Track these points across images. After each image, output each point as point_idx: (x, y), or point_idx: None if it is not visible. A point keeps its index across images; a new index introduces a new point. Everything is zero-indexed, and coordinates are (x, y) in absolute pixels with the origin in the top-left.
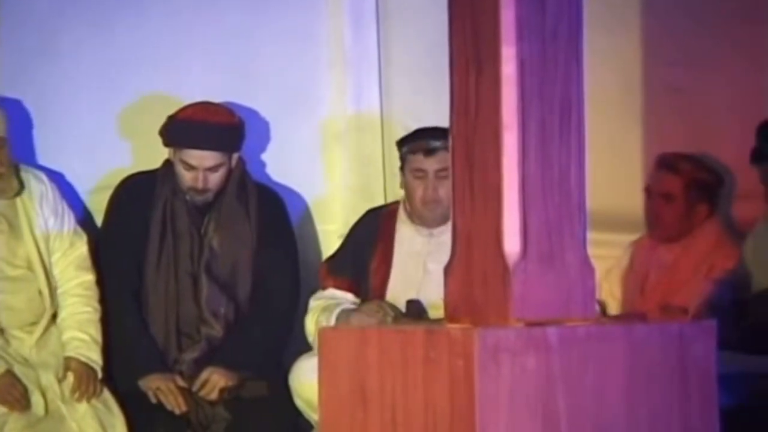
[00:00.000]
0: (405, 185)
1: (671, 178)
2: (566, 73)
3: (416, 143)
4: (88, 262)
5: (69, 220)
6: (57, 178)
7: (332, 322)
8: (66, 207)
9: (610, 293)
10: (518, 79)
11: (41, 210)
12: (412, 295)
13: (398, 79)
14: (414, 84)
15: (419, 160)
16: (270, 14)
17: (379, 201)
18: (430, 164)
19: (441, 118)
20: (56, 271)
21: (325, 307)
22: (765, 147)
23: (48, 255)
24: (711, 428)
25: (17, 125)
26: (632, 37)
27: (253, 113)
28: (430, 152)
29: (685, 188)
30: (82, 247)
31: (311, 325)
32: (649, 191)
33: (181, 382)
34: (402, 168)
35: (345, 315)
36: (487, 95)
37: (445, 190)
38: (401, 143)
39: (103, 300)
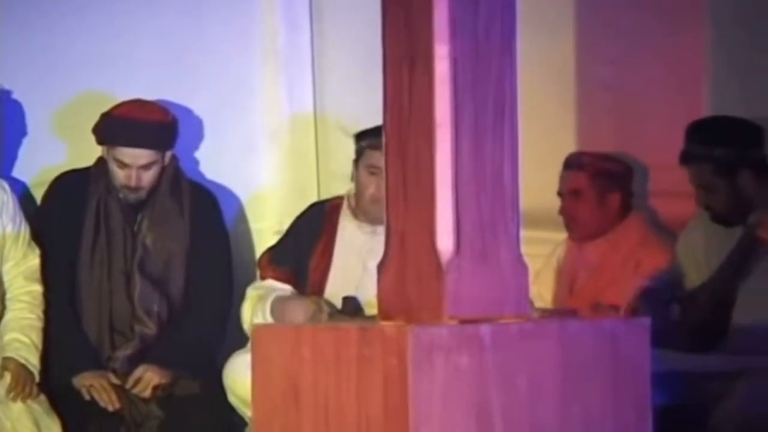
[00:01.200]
0: (356, 180)
1: (576, 174)
2: (499, 71)
3: (377, 139)
4: (37, 274)
5: (25, 231)
6: None
7: (267, 308)
8: (23, 218)
9: (539, 295)
10: (451, 78)
11: (0, 218)
12: (351, 292)
13: (332, 78)
14: (348, 83)
15: (377, 157)
16: (205, 14)
17: (313, 199)
18: None
19: (375, 117)
20: (6, 279)
21: (262, 296)
22: (693, 148)
23: (1, 261)
24: (644, 426)
25: None
26: (565, 36)
27: (187, 111)
28: None
29: (591, 181)
30: (34, 260)
31: (247, 312)
32: (560, 194)
33: (115, 380)
34: (356, 161)
35: (279, 302)
36: (420, 93)
37: None
38: (360, 137)
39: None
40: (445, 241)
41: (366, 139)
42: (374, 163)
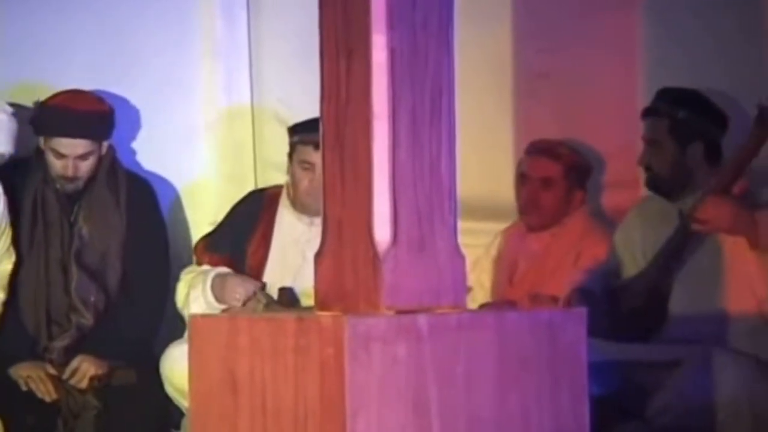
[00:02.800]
0: (291, 174)
1: (551, 163)
2: (437, 60)
3: (308, 135)
4: (5, 281)
5: (7, 236)
6: None
7: (208, 282)
8: (8, 223)
9: (479, 283)
10: (389, 67)
11: None
12: (289, 282)
13: (269, 69)
14: (285, 73)
15: (308, 152)
16: (142, 4)
17: (250, 188)
18: (319, 157)
19: (312, 107)
20: None
21: (201, 272)
22: (659, 104)
23: None
24: (581, 416)
25: None
26: (502, 25)
27: (124, 101)
28: (320, 146)
29: (565, 173)
30: (7, 266)
31: (182, 290)
32: (525, 177)
33: (52, 370)
34: (290, 156)
35: (219, 277)
36: (357, 83)
37: None
38: (292, 131)
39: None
40: (382, 231)
41: (298, 134)
42: (306, 158)
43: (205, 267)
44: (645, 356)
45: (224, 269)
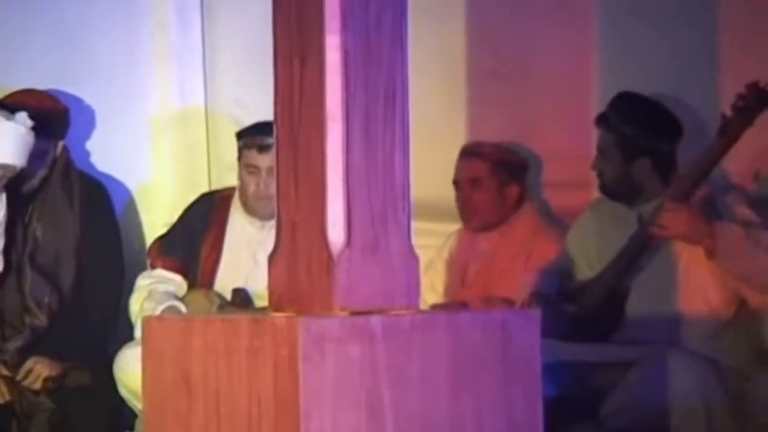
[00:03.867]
0: (240, 178)
1: (476, 162)
2: (390, 62)
3: (251, 139)
4: None
5: None
6: None
7: (158, 312)
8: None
9: (432, 286)
10: (342, 69)
11: None
12: (241, 283)
13: (223, 71)
14: (239, 75)
15: (252, 156)
16: (97, 5)
17: (204, 191)
18: (263, 161)
19: (266, 109)
20: None
21: (151, 292)
22: (609, 114)
23: None
24: (535, 417)
25: None
26: (456, 26)
27: (79, 101)
28: (263, 149)
29: (491, 170)
30: None
31: (135, 305)
32: (457, 183)
33: (5, 372)
34: (239, 160)
35: (171, 312)
36: (311, 85)
37: None
38: (239, 136)
39: None
40: (336, 232)
41: (243, 138)
42: (250, 162)
43: (158, 272)
44: (599, 357)
45: (175, 283)
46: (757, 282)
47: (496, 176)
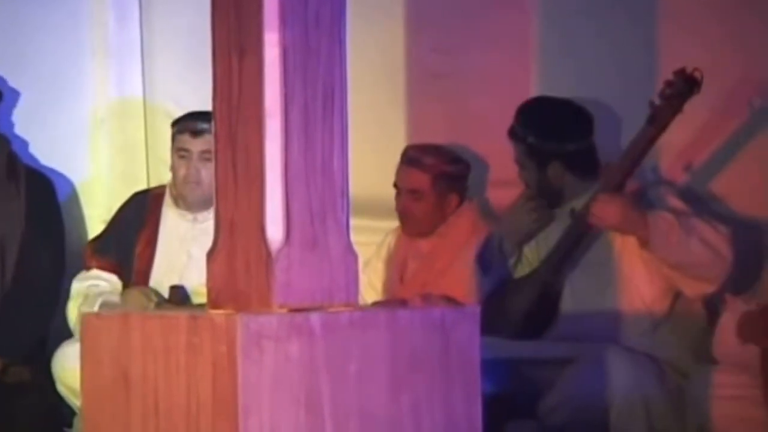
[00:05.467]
0: (171, 166)
1: (417, 174)
2: (329, 59)
3: (185, 123)
4: None
5: None
6: None
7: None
8: None
9: (370, 284)
10: (281, 65)
11: None
12: (175, 281)
13: (162, 66)
14: (178, 71)
15: (185, 140)
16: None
17: (142, 186)
18: (195, 145)
19: (205, 105)
20: None
21: (87, 296)
22: (515, 126)
23: None
24: (474, 414)
25: None
26: (394, 24)
27: (19, 95)
28: (196, 133)
29: (433, 183)
30: None
31: (73, 311)
32: (397, 187)
33: None
34: (172, 148)
35: (107, 308)
36: (249, 81)
37: (207, 173)
38: (173, 124)
39: None
40: (274, 229)
41: (177, 125)
42: (182, 146)
43: (93, 273)
44: (538, 354)
45: (111, 284)
46: (692, 271)
47: (437, 189)
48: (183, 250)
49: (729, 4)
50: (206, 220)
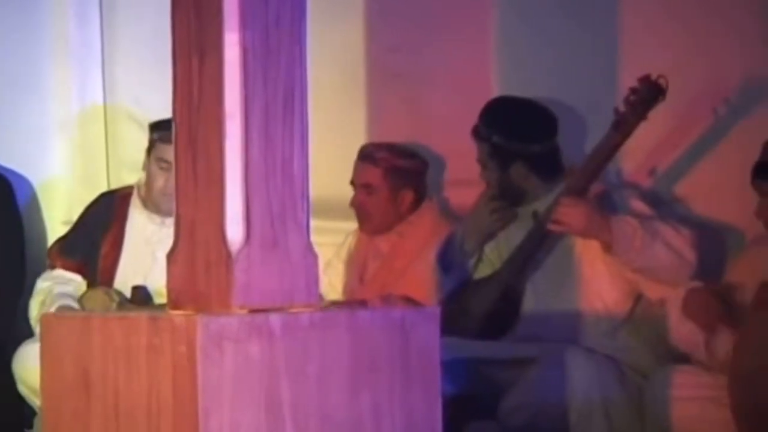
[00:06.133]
0: (147, 171)
1: (370, 168)
2: (289, 60)
3: (168, 133)
4: None
5: None
6: None
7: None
8: None
9: (331, 285)
10: (241, 66)
11: None
12: (140, 282)
13: (122, 69)
14: (139, 74)
15: (167, 151)
16: None
17: (103, 189)
18: None
19: (166, 107)
20: None
21: (48, 295)
22: (479, 126)
23: None
24: (434, 415)
25: None
26: (354, 24)
27: None
28: None
29: (385, 177)
30: None
31: (35, 309)
32: (353, 184)
33: None
34: (148, 152)
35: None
36: (209, 82)
37: None
38: (153, 128)
39: None
40: (234, 230)
41: (158, 131)
42: (163, 156)
43: (57, 273)
44: (499, 355)
45: (75, 283)
46: (655, 274)
47: (389, 183)
48: (149, 251)
49: (692, 10)
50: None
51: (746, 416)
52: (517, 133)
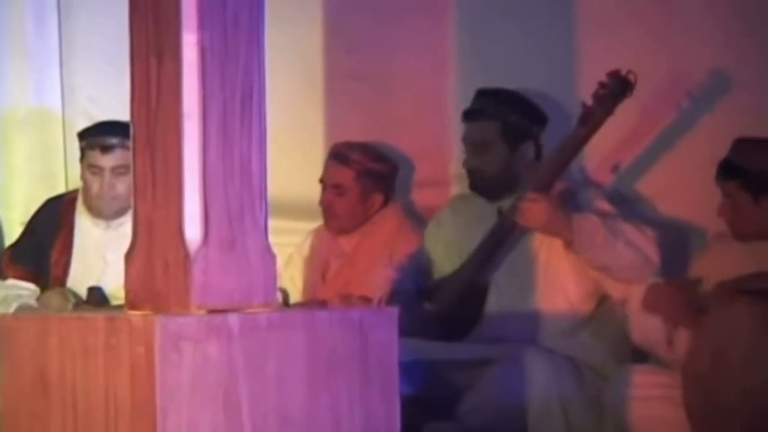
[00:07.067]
0: (82, 178)
1: (342, 169)
2: (247, 60)
3: (93, 139)
4: None
5: None
6: None
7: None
8: None
9: (291, 281)
10: (200, 67)
11: None
12: (93, 285)
13: (80, 70)
14: (96, 75)
15: (95, 157)
16: None
17: (61, 190)
18: (107, 161)
19: (124, 108)
20: None
21: (4, 299)
22: (486, 105)
23: None
24: (392, 416)
25: None
26: (312, 25)
27: None
28: (106, 149)
29: (357, 179)
30: None
31: None
32: (323, 183)
33: None
34: (81, 160)
35: (23, 309)
36: (168, 83)
37: (124, 186)
38: (81, 136)
39: None
40: (192, 231)
41: (85, 138)
42: (93, 162)
43: (10, 282)
44: (458, 356)
45: (29, 290)
46: (618, 273)
47: (361, 185)
48: (99, 255)
49: (649, 8)
50: (120, 226)
51: (700, 415)
52: (531, 112)
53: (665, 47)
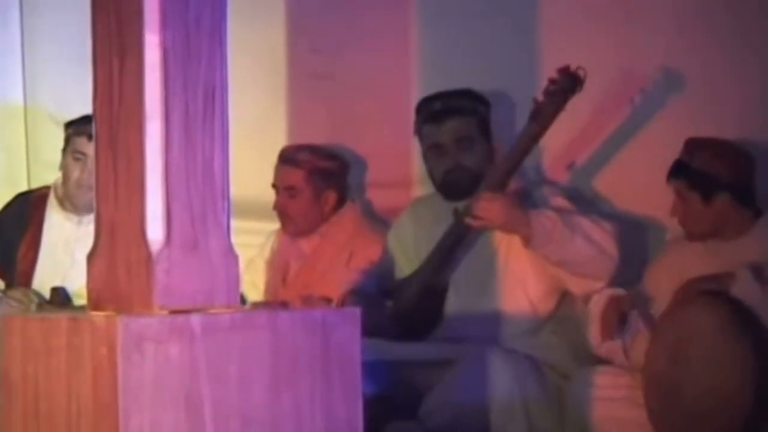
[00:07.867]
0: (63, 167)
1: (292, 170)
2: (210, 61)
3: (83, 126)
4: None
5: None
6: None
7: None
8: None
9: (253, 283)
10: (162, 67)
11: None
12: (59, 283)
13: (43, 68)
14: (59, 73)
15: (82, 143)
16: None
17: (23, 188)
18: (92, 148)
19: (87, 107)
20: None
21: None
22: (460, 102)
23: None
24: (354, 416)
25: None
26: (276, 24)
27: None
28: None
29: (308, 179)
30: None
31: None
32: (276, 188)
33: None
34: (64, 150)
35: None
36: (130, 83)
37: None
38: (68, 125)
39: None
40: (154, 231)
41: (73, 126)
42: (79, 148)
43: None
44: (419, 355)
45: None
46: (577, 269)
47: (312, 184)
48: (67, 252)
49: (607, 6)
50: (91, 223)
51: (660, 416)
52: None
53: (621, 45)
